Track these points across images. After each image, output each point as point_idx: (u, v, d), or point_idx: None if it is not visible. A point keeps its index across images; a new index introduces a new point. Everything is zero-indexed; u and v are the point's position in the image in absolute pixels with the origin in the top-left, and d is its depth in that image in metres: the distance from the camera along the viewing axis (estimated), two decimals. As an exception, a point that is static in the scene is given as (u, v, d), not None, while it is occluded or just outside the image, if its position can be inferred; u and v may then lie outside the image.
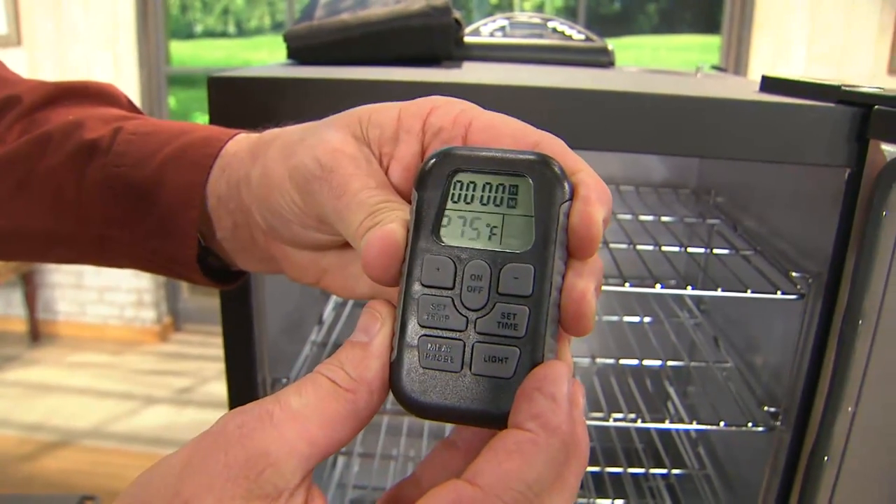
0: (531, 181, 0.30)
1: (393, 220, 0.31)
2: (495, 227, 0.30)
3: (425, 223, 0.30)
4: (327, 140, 0.34)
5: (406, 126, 0.34)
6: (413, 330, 0.30)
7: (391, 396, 0.30)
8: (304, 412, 0.27)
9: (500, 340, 0.29)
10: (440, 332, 0.29)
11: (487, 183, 0.30)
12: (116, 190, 0.44)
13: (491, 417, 0.28)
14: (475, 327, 0.29)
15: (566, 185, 0.30)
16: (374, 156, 0.35)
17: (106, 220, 0.45)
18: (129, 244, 0.46)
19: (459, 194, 0.30)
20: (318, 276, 0.41)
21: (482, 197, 0.30)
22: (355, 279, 0.39)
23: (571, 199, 0.30)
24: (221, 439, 0.26)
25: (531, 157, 0.30)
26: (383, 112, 0.35)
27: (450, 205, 0.30)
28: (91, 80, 0.53)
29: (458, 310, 0.29)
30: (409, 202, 0.32)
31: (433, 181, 0.31)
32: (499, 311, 0.29)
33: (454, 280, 0.29)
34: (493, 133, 0.32)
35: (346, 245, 0.37)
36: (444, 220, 0.30)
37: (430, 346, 0.29)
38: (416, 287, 0.30)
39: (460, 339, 0.29)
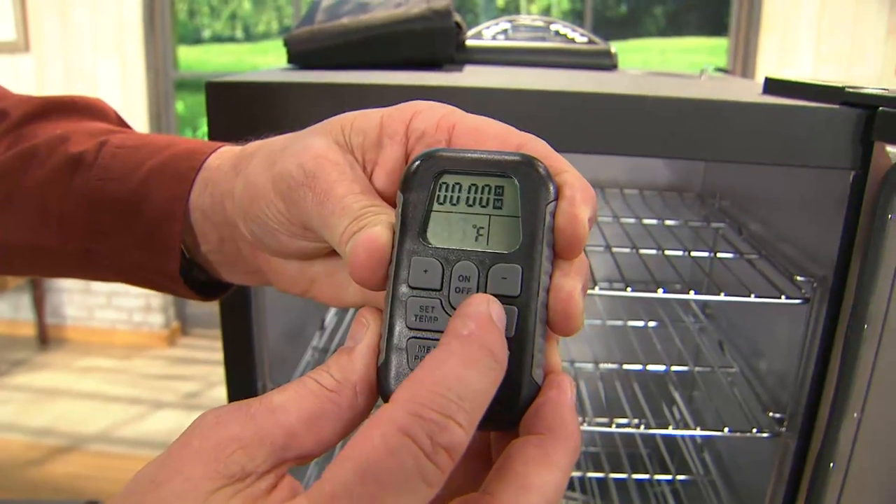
0: (517, 182, 0.30)
1: (378, 224, 0.30)
2: (482, 228, 0.30)
3: (411, 225, 0.30)
4: (310, 147, 0.34)
5: (389, 131, 0.34)
6: (401, 332, 0.29)
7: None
8: (282, 406, 0.27)
9: None
10: (429, 334, 0.29)
11: (473, 184, 0.30)
12: (101, 203, 0.44)
13: (483, 418, 0.28)
14: None
15: (551, 185, 0.30)
16: (357, 162, 0.34)
17: (90, 233, 0.45)
18: (113, 258, 0.46)
19: (445, 196, 0.30)
20: (307, 286, 0.41)
21: (468, 198, 0.30)
22: (344, 287, 0.39)
23: (557, 199, 0.30)
24: (198, 430, 0.26)
25: (516, 158, 0.30)
26: (366, 118, 0.35)
27: (436, 206, 0.30)
28: (78, 95, 0.53)
29: (446, 311, 0.29)
30: (394, 206, 0.32)
31: (418, 183, 0.31)
32: None
33: (442, 281, 0.29)
34: (476, 136, 0.32)
35: (332, 253, 0.37)
36: (431, 222, 0.30)
37: (418, 347, 0.29)
38: (404, 289, 0.30)
39: None
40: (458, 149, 0.32)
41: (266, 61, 4.25)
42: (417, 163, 0.31)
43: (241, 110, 0.62)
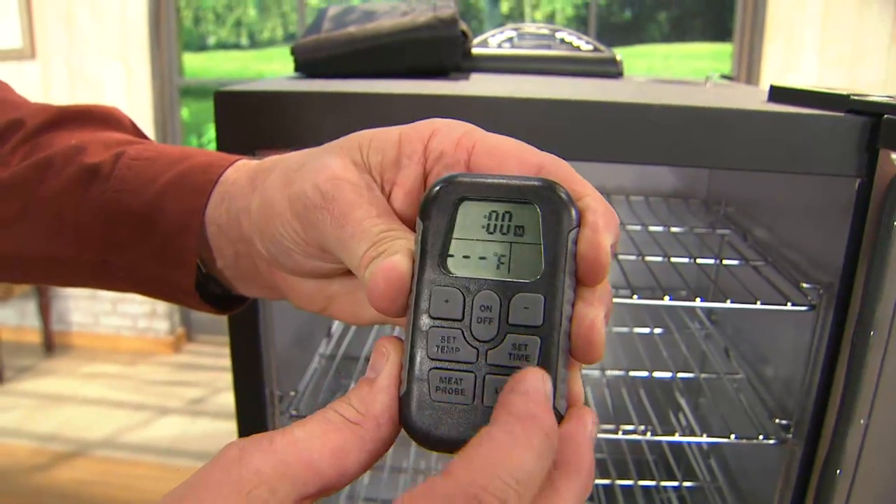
0: (538, 208, 0.29)
1: (397, 251, 0.30)
2: (503, 255, 0.29)
3: (431, 253, 0.30)
4: (327, 167, 0.34)
5: (407, 151, 0.34)
6: (422, 363, 0.29)
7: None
8: (305, 439, 0.27)
9: (512, 372, 0.28)
10: (451, 365, 0.29)
11: (494, 211, 0.30)
12: (116, 215, 0.44)
13: None
14: (486, 359, 0.29)
15: (573, 211, 0.29)
16: (375, 182, 0.34)
17: (106, 244, 0.45)
18: (128, 269, 0.45)
19: (465, 223, 0.30)
20: (324, 304, 0.40)
21: (489, 225, 0.30)
22: (362, 305, 0.38)
23: (579, 225, 0.29)
24: (221, 462, 0.26)
25: (537, 183, 0.30)
26: (383, 137, 0.34)
27: (456, 234, 0.30)
28: (95, 104, 0.52)
29: (468, 341, 0.29)
30: (413, 229, 0.31)
31: (438, 210, 0.30)
32: (509, 343, 0.28)
33: (463, 311, 0.29)
34: (496, 157, 0.32)
35: (350, 272, 0.36)
36: (451, 250, 0.30)
37: (440, 378, 0.29)
38: (425, 319, 0.29)
39: (471, 371, 0.29)
40: (478, 174, 0.31)
41: (271, 68, 4.25)
42: (437, 189, 0.30)
43: (249, 119, 0.62)
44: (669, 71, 3.85)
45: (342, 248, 0.32)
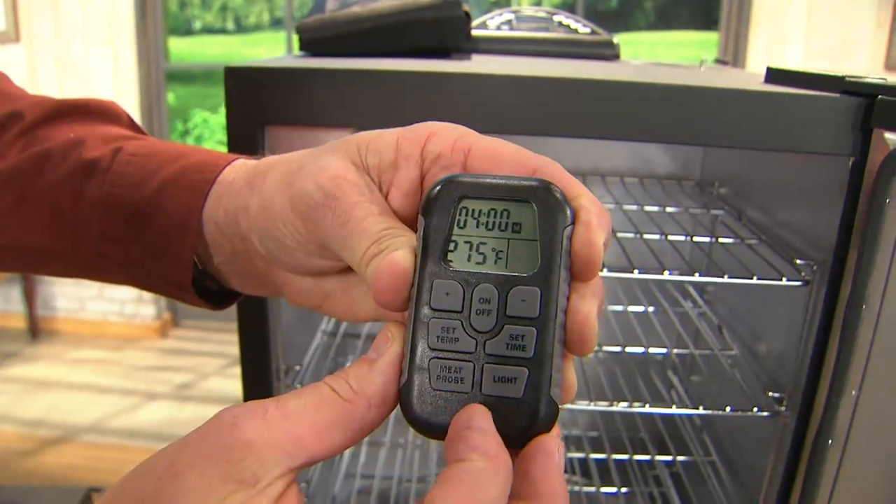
0: (535, 207, 0.31)
1: (399, 247, 0.31)
2: (501, 251, 0.31)
3: (433, 249, 0.31)
4: (329, 167, 0.35)
5: (405, 153, 0.35)
6: (423, 352, 0.30)
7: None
8: (297, 413, 0.28)
9: (509, 361, 0.30)
10: (450, 354, 0.30)
11: (492, 209, 0.31)
12: (114, 210, 0.44)
13: (502, 436, 0.29)
14: (485, 349, 0.30)
15: (568, 210, 0.31)
16: (374, 182, 0.35)
17: (103, 238, 0.45)
18: (125, 264, 0.46)
19: (465, 220, 0.31)
20: (321, 301, 0.41)
21: (487, 223, 0.31)
22: (358, 303, 0.39)
23: (573, 223, 0.31)
24: (214, 427, 0.27)
25: (534, 183, 0.31)
26: (381, 139, 0.35)
27: (456, 230, 0.31)
28: (93, 98, 0.53)
29: (467, 332, 0.30)
30: (412, 228, 0.33)
31: (439, 208, 0.32)
32: (507, 333, 0.30)
33: (463, 303, 0.30)
34: (492, 159, 0.33)
35: (347, 270, 0.38)
36: (452, 246, 0.31)
37: (440, 367, 0.30)
38: (426, 311, 0.31)
39: (470, 361, 0.30)
40: (478, 174, 0.33)
41: (257, 53, 4.24)
42: (438, 188, 0.32)
43: (259, 95, 0.63)
44: (656, 59, 3.86)
45: (344, 246, 0.33)
